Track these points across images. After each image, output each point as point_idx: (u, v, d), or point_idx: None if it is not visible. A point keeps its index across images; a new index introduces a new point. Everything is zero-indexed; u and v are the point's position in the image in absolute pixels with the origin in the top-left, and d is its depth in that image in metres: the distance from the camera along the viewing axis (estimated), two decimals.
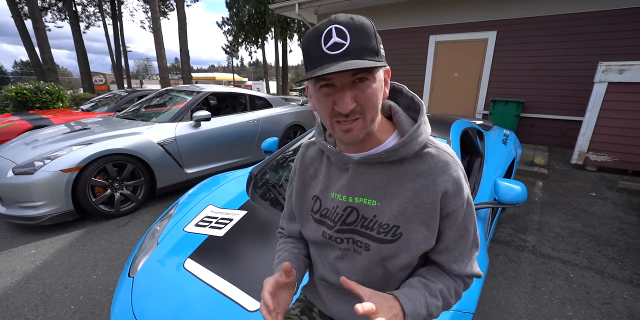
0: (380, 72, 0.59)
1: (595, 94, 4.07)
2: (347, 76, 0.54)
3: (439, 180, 0.61)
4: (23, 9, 14.66)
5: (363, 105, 0.56)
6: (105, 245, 2.47)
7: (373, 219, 0.66)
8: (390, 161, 0.64)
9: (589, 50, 4.97)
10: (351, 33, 0.53)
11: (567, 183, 3.89)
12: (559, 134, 5.54)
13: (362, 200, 0.66)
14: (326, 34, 0.53)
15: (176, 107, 3.67)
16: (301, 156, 0.81)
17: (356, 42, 0.53)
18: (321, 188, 0.73)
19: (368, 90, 0.56)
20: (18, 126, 4.34)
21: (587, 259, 2.32)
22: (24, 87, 6.51)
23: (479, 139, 2.60)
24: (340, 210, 0.69)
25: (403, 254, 0.65)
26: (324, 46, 0.53)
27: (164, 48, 12.77)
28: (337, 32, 0.53)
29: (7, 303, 1.86)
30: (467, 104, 6.27)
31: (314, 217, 0.75)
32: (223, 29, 23.58)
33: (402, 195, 0.63)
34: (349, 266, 0.71)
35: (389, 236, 0.64)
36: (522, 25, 5.40)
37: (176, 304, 1.18)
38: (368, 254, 0.67)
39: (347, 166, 0.68)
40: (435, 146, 0.65)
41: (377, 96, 0.57)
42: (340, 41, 0.52)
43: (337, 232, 0.70)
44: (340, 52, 0.52)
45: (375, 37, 0.55)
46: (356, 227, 0.68)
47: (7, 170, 2.55)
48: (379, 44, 0.56)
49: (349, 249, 0.70)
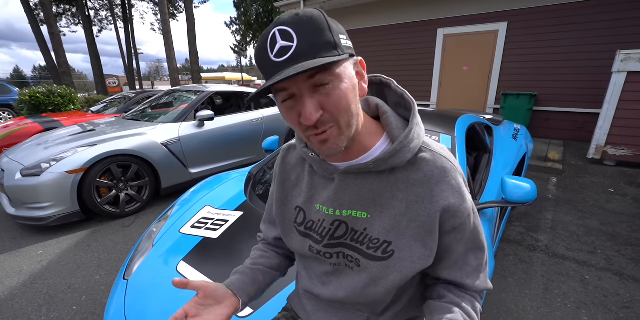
0: (346, 67, 0.50)
1: (613, 85, 3.88)
2: (303, 81, 0.47)
3: (436, 190, 0.54)
4: (39, 15, 15.06)
5: (332, 111, 0.49)
6: (110, 246, 2.49)
7: (363, 233, 0.59)
8: (380, 171, 0.57)
9: (605, 39, 4.74)
10: (297, 32, 0.45)
11: (584, 179, 3.72)
12: (575, 127, 5.33)
13: (351, 212, 0.60)
14: (271, 40, 0.47)
15: (180, 108, 3.67)
16: (281, 160, 0.74)
17: (304, 41, 0.45)
18: (305, 198, 0.66)
19: (334, 93, 0.48)
20: (30, 129, 4.44)
21: (604, 259, 2.19)
22: (37, 90, 6.67)
23: (488, 134, 2.49)
24: (328, 224, 0.62)
25: (395, 273, 0.58)
26: (270, 54, 0.47)
27: (174, 49, 12.92)
28: (281, 34, 0.46)
29: (12, 303, 1.89)
30: (477, 98, 6.10)
31: (298, 229, 0.69)
32: (231, 29, 23.79)
33: (395, 208, 0.56)
34: (339, 281, 0.65)
35: (379, 253, 0.58)
36: (534, 15, 5.20)
37: (168, 308, 1.16)
38: (359, 270, 0.62)
39: (332, 176, 0.61)
40: (430, 150, 0.57)
41: (347, 98, 0.49)
42: (286, 44, 0.46)
43: (325, 246, 0.64)
44: (288, 57, 0.46)
45: (330, 28, 0.47)
46: (346, 240, 0.62)
47: (16, 172, 2.59)
48: (336, 35, 0.48)
49: (340, 264, 0.65)
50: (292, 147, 0.73)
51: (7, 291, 2.00)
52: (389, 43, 6.89)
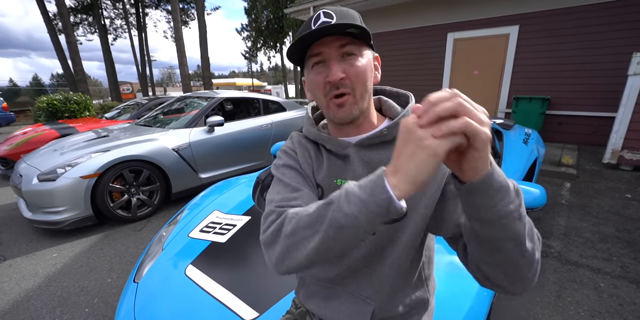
0: (368, 53, 0.63)
1: (629, 88, 3.78)
2: (335, 48, 0.59)
3: None
4: (57, 25, 15.61)
5: (352, 78, 0.59)
6: (122, 250, 2.54)
7: None
8: (388, 140, 0.64)
9: (620, 41, 4.64)
10: (337, 14, 0.58)
11: (599, 184, 3.63)
12: (589, 131, 5.21)
13: None
14: (315, 18, 0.59)
15: (191, 114, 3.74)
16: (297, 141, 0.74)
17: (342, 20, 0.58)
18: (324, 175, 0.70)
19: (356, 64, 0.59)
20: (47, 135, 4.58)
21: (620, 266, 2.13)
22: (54, 98, 6.90)
23: (498, 139, 2.47)
24: None
25: (409, 229, 0.63)
26: (313, 27, 0.58)
27: (186, 56, 13.19)
28: (325, 14, 0.59)
29: (28, 305, 1.94)
30: (488, 102, 6.03)
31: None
32: (242, 35, 24.17)
33: None
34: (352, 256, 0.68)
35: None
36: (546, 18, 5.13)
37: (176, 311, 1.18)
38: (373, 238, 0.65)
39: (345, 151, 0.67)
40: None
41: (365, 71, 0.60)
42: (327, 20, 0.58)
43: None
44: (328, 26, 0.56)
45: (361, 21, 0.60)
46: None
47: (33, 177, 2.68)
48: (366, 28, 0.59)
49: None
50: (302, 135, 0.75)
51: (23, 293, 2.06)
52: (399, 48, 6.89)
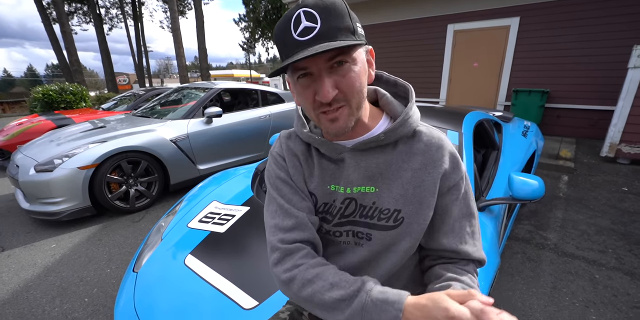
0: (360, 52, 0.55)
1: (629, 81, 3.77)
2: (323, 61, 0.51)
3: (436, 155, 0.61)
4: (52, 14, 15.33)
5: (345, 92, 0.53)
6: (120, 240, 2.54)
7: (372, 206, 0.62)
8: (385, 144, 0.62)
9: (621, 34, 4.61)
10: (321, 15, 0.49)
11: (596, 177, 3.65)
12: (588, 124, 5.21)
13: (361, 188, 0.63)
14: (295, 20, 0.50)
15: (189, 104, 3.71)
16: (285, 146, 0.70)
17: (327, 24, 0.49)
18: (316, 182, 0.67)
19: (349, 75, 0.52)
20: (43, 126, 4.54)
21: (615, 258, 2.15)
22: (49, 88, 6.82)
23: (497, 131, 2.46)
24: (339, 203, 0.65)
25: (406, 238, 0.62)
26: (294, 33, 0.50)
27: (183, 47, 13.02)
28: (306, 15, 0.49)
29: (27, 295, 1.95)
30: (487, 95, 6.01)
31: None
32: (240, 26, 23.85)
33: (401, 177, 0.61)
34: (347, 260, 0.67)
35: (390, 222, 0.61)
36: (547, 9, 5.08)
37: (175, 300, 1.18)
38: (370, 244, 0.64)
39: (340, 155, 0.64)
40: (424, 125, 0.65)
41: (360, 80, 0.54)
42: (310, 25, 0.49)
43: (335, 225, 0.66)
44: (312, 37, 0.49)
45: (349, 15, 0.52)
46: (355, 217, 0.64)
47: (30, 168, 2.66)
48: (355, 23, 0.53)
49: (349, 242, 0.67)
50: (292, 135, 0.72)
51: (22, 283, 2.06)
52: (398, 39, 6.82)
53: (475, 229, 0.66)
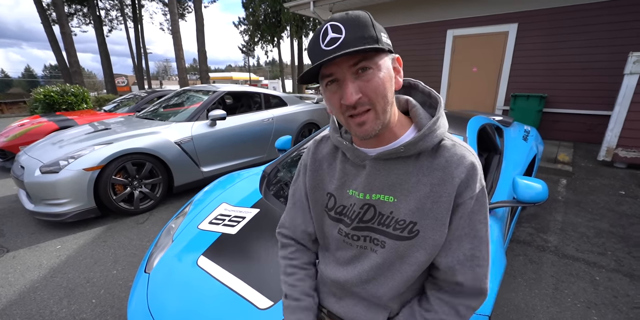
0: (385, 60, 0.57)
1: (625, 87, 3.85)
2: (347, 67, 0.54)
3: (455, 172, 0.60)
4: (51, 15, 15.32)
5: (370, 95, 0.55)
6: (125, 242, 2.55)
7: (390, 215, 0.64)
8: (407, 156, 0.62)
9: (617, 41, 4.70)
10: (346, 26, 0.53)
11: (594, 181, 3.71)
12: (585, 129, 5.29)
13: (380, 196, 0.65)
14: (323, 33, 0.54)
15: (193, 107, 3.74)
16: (313, 150, 0.79)
17: (352, 34, 0.53)
18: (336, 185, 0.72)
19: (373, 79, 0.55)
20: (45, 127, 4.55)
21: (614, 260, 2.20)
22: (51, 89, 6.82)
23: (498, 135, 2.51)
24: (357, 208, 0.67)
25: (420, 251, 0.63)
26: (322, 44, 0.54)
27: (183, 49, 13.05)
28: (333, 28, 0.54)
29: (35, 295, 1.96)
30: (486, 99, 6.08)
31: (329, 214, 0.74)
32: (239, 28, 23.90)
33: (419, 191, 0.61)
34: (364, 265, 0.69)
35: (405, 233, 0.63)
36: (545, 16, 5.17)
37: (189, 300, 1.20)
38: (383, 252, 0.66)
39: (363, 162, 0.66)
40: (451, 139, 0.64)
41: (384, 85, 0.56)
42: (335, 36, 0.53)
43: (354, 229, 0.69)
44: (337, 46, 0.53)
45: (374, 26, 0.55)
46: (373, 224, 0.66)
47: (35, 169, 2.67)
48: (380, 33, 0.56)
49: (365, 247, 0.69)
50: (325, 138, 0.79)
51: (28, 284, 2.07)
52: (398, 44, 6.89)
53: (479, 254, 0.62)
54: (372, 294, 0.70)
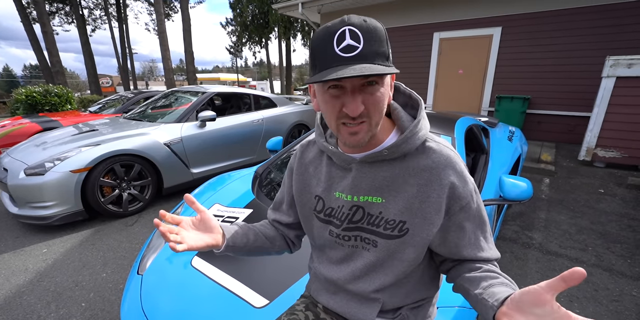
0: (389, 77, 0.61)
1: (603, 89, 4.01)
2: (359, 81, 0.55)
3: (442, 174, 0.62)
4: (32, 13, 14.88)
5: (370, 109, 0.57)
6: (114, 244, 2.51)
7: (379, 216, 0.67)
8: (392, 158, 0.65)
9: (597, 45, 4.90)
10: (365, 36, 0.53)
11: (575, 180, 3.85)
12: (566, 130, 5.48)
13: (367, 198, 0.67)
14: (339, 35, 0.53)
15: (182, 108, 3.71)
16: (300, 155, 0.81)
17: (369, 46, 0.53)
18: (323, 188, 0.74)
19: (376, 94, 0.57)
20: (28, 128, 4.42)
21: (595, 256, 2.29)
22: (33, 90, 6.63)
23: (484, 136, 2.58)
24: (346, 209, 0.70)
25: (410, 248, 0.66)
26: (336, 47, 0.53)
27: (169, 49, 12.88)
28: (351, 34, 0.53)
29: (21, 300, 1.91)
30: (472, 101, 6.22)
31: (318, 216, 0.76)
32: (227, 29, 23.74)
33: (407, 191, 0.64)
34: (357, 263, 0.72)
35: (395, 232, 0.65)
36: (528, 20, 5.34)
37: (184, 301, 1.20)
38: (376, 250, 0.68)
39: (349, 166, 0.68)
40: (435, 141, 0.67)
41: (383, 101, 0.59)
42: (353, 44, 0.53)
43: (344, 230, 0.71)
44: (354, 55, 0.53)
45: (387, 41, 0.57)
46: (362, 224, 0.69)
47: (19, 172, 2.60)
48: (389, 49, 0.58)
49: (357, 246, 0.72)
50: (311, 143, 0.81)
51: (14, 289, 2.02)
52: None
53: (488, 234, 0.69)
54: (364, 290, 0.72)
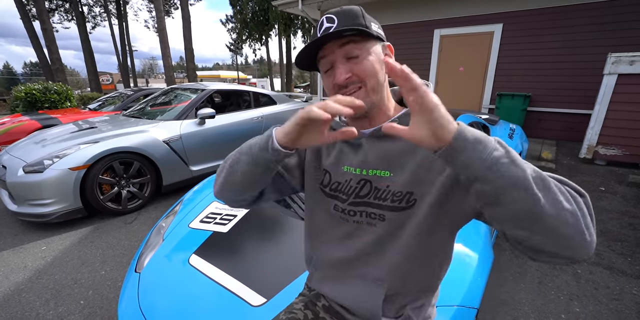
0: (376, 47, 0.63)
1: (604, 86, 3.99)
2: (337, 47, 0.61)
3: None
4: (31, 10, 14.84)
5: (360, 75, 0.61)
6: (113, 242, 2.51)
7: (386, 189, 0.66)
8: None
9: (598, 42, 4.86)
10: (338, 16, 0.61)
11: (576, 177, 3.83)
12: (567, 127, 5.46)
13: (376, 172, 0.67)
14: (319, 24, 0.62)
15: (181, 105, 3.69)
16: None
17: (342, 22, 0.60)
18: (331, 162, 0.74)
19: (363, 61, 0.61)
20: (28, 126, 4.41)
21: (595, 254, 2.28)
22: (33, 87, 6.61)
23: (485, 133, 2.57)
24: (354, 183, 0.70)
25: (416, 218, 0.65)
26: (318, 33, 0.62)
27: (169, 47, 12.85)
28: (327, 19, 0.61)
29: (20, 298, 1.91)
30: (472, 98, 6.20)
31: (324, 190, 0.75)
32: (227, 26, 23.67)
33: (414, 162, 0.64)
34: (362, 239, 0.71)
35: (403, 203, 0.65)
36: (529, 17, 5.30)
37: (182, 299, 1.20)
38: (383, 224, 0.68)
39: (359, 141, 0.69)
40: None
41: (373, 66, 0.61)
42: (329, 25, 0.60)
43: (350, 204, 0.71)
44: (329, 32, 0.59)
45: (364, 16, 0.62)
46: (369, 199, 0.68)
47: (18, 169, 2.60)
48: (370, 22, 0.62)
49: (362, 222, 0.70)
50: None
51: (13, 286, 2.02)
52: None
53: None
54: (375, 266, 0.70)
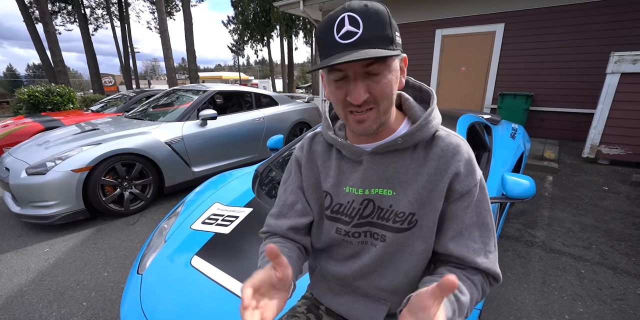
0: (395, 61, 0.58)
1: (607, 85, 3.96)
2: (360, 67, 0.53)
3: (451, 161, 0.61)
4: (34, 13, 14.94)
5: (376, 96, 0.56)
6: (116, 244, 2.52)
7: (389, 209, 0.65)
8: (404, 148, 0.63)
9: (601, 41, 4.84)
10: (364, 21, 0.52)
11: (579, 177, 3.81)
12: (570, 127, 5.43)
13: (378, 190, 0.65)
14: (339, 23, 0.52)
15: (183, 107, 3.70)
16: (307, 148, 0.77)
17: (369, 30, 0.52)
18: (332, 183, 0.71)
19: (382, 81, 0.55)
20: (31, 128, 4.44)
21: (599, 254, 2.27)
22: (36, 89, 6.66)
23: (487, 133, 2.56)
24: (357, 204, 0.67)
25: (419, 240, 0.64)
26: (336, 35, 0.53)
27: (171, 48, 12.89)
28: (350, 20, 0.52)
29: (23, 300, 1.92)
30: (474, 98, 6.18)
31: (325, 213, 0.73)
32: (229, 28, 23.74)
33: (417, 182, 0.62)
34: (364, 258, 0.70)
35: (405, 224, 0.64)
36: (531, 16, 5.28)
37: (184, 301, 1.20)
38: (384, 245, 0.66)
39: (360, 158, 0.66)
40: (444, 130, 0.65)
41: (391, 87, 0.57)
42: (352, 29, 0.52)
43: (354, 226, 0.69)
44: (352, 41, 0.52)
45: (390, 24, 0.54)
46: (372, 219, 0.67)
47: (21, 171, 2.61)
48: (394, 32, 0.55)
49: (366, 242, 0.69)
50: (318, 135, 0.77)
51: (16, 288, 2.02)
52: None
53: (489, 241, 0.62)
54: (375, 286, 0.70)
